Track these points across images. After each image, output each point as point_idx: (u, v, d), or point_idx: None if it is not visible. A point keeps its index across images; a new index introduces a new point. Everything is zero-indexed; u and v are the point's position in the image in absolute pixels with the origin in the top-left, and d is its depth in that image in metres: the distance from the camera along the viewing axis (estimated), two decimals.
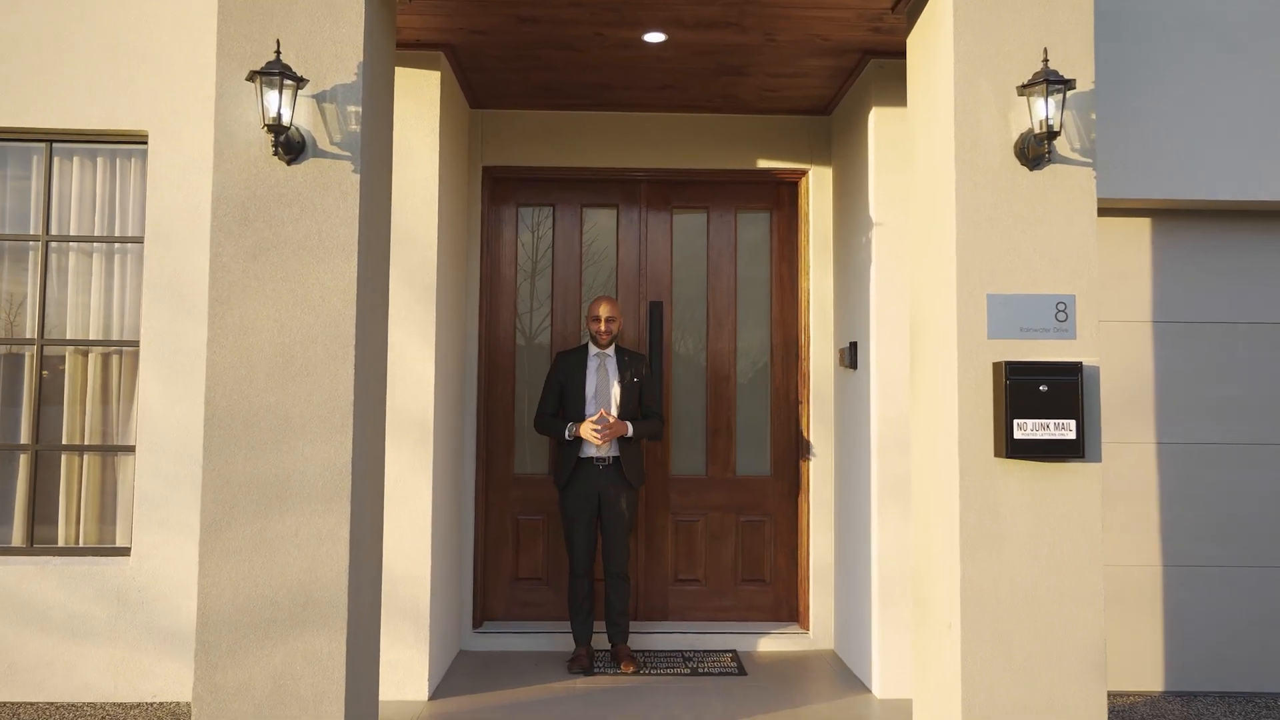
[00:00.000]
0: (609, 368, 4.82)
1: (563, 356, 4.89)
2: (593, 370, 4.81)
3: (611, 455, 4.76)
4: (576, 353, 4.88)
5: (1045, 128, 3.20)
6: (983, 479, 3.28)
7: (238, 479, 3.21)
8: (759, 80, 4.80)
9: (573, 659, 4.74)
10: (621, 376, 4.81)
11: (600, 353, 4.84)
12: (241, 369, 3.24)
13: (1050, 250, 3.34)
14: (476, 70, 4.71)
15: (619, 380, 4.80)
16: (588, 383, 4.79)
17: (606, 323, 4.79)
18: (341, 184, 3.29)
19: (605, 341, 4.80)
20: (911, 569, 3.69)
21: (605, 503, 4.78)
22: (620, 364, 4.84)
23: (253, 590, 3.20)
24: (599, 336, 4.80)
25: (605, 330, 4.79)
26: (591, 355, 4.84)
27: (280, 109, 3.14)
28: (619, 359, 4.86)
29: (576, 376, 4.82)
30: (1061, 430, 3.22)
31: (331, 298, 3.27)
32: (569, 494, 4.78)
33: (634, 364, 4.87)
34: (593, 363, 4.82)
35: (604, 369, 4.81)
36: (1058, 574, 3.26)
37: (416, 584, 4.35)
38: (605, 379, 4.80)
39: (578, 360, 4.85)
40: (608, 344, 4.82)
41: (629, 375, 4.83)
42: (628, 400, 4.81)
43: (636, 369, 4.86)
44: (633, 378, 4.84)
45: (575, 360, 4.85)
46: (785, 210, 5.47)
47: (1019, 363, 3.23)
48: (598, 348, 4.83)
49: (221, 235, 3.27)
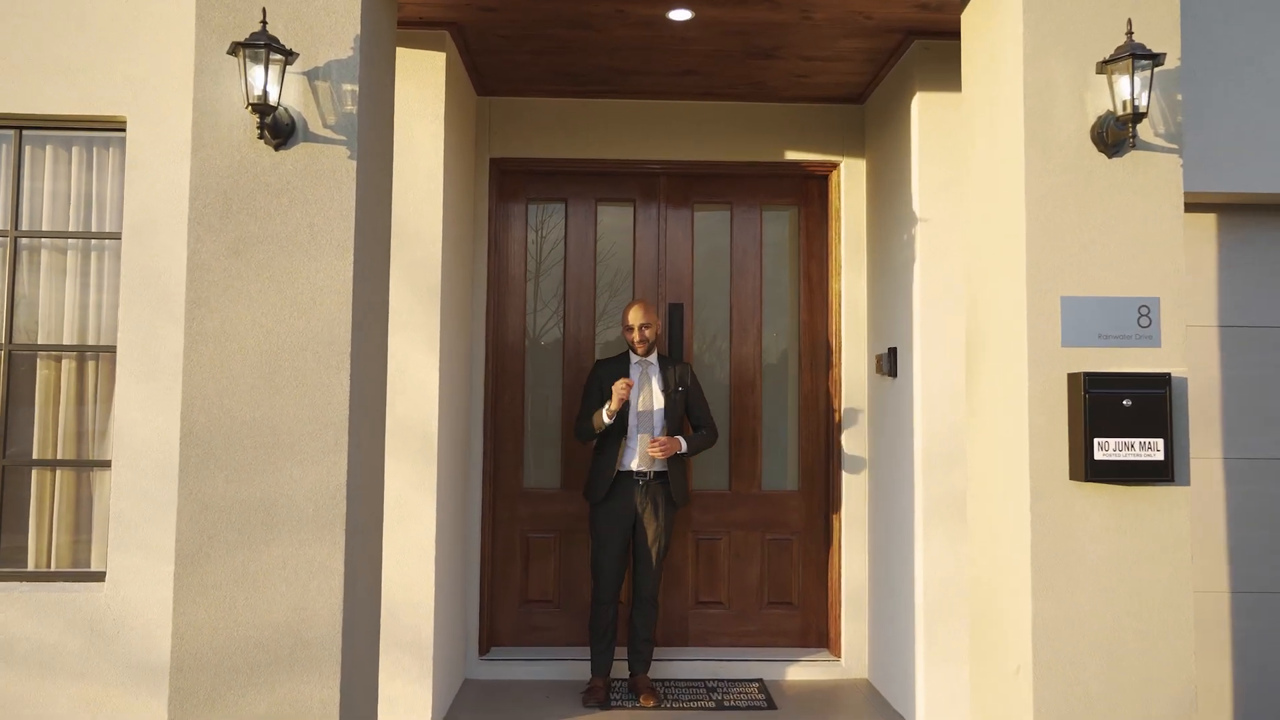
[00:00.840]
0: (652, 377, 4.44)
1: (602, 365, 4.50)
2: (635, 381, 4.43)
3: (654, 470, 4.37)
4: (617, 361, 4.49)
5: (1130, 109, 2.84)
6: (1057, 504, 2.91)
7: (217, 504, 2.85)
8: (790, 64, 4.44)
9: (588, 690, 4.37)
10: (666, 386, 4.43)
11: (641, 361, 4.45)
12: (222, 379, 2.87)
13: (1132, 247, 2.97)
14: (485, 52, 4.34)
15: (664, 390, 4.42)
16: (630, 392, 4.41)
17: (641, 330, 4.40)
18: (335, 172, 2.92)
19: (644, 350, 4.42)
20: (970, 604, 3.32)
21: (643, 522, 4.37)
22: (664, 373, 4.46)
23: (234, 630, 2.83)
24: (635, 346, 4.42)
25: (641, 339, 4.40)
26: (633, 364, 4.46)
27: (266, 86, 2.78)
28: (662, 367, 4.47)
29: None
30: (1148, 450, 2.85)
31: (324, 299, 2.90)
32: (603, 511, 4.38)
33: (679, 372, 4.49)
34: (633, 372, 4.44)
35: (646, 379, 4.42)
36: (1143, 612, 2.89)
37: (418, 612, 3.98)
38: (649, 389, 4.41)
39: (619, 370, 4.45)
40: (647, 352, 4.43)
41: (674, 386, 4.45)
42: (673, 412, 4.43)
43: (682, 378, 4.49)
44: (678, 387, 4.46)
45: (616, 370, 4.45)
46: (814, 206, 5.10)
47: (1099, 374, 2.87)
48: (638, 356, 4.45)
49: (200, 229, 2.90)
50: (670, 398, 4.41)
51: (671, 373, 4.47)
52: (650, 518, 4.37)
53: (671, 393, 4.42)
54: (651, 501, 4.37)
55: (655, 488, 4.38)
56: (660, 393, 4.41)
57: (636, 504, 4.36)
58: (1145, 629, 2.88)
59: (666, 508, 4.40)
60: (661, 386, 4.42)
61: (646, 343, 4.40)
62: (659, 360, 4.49)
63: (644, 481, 4.36)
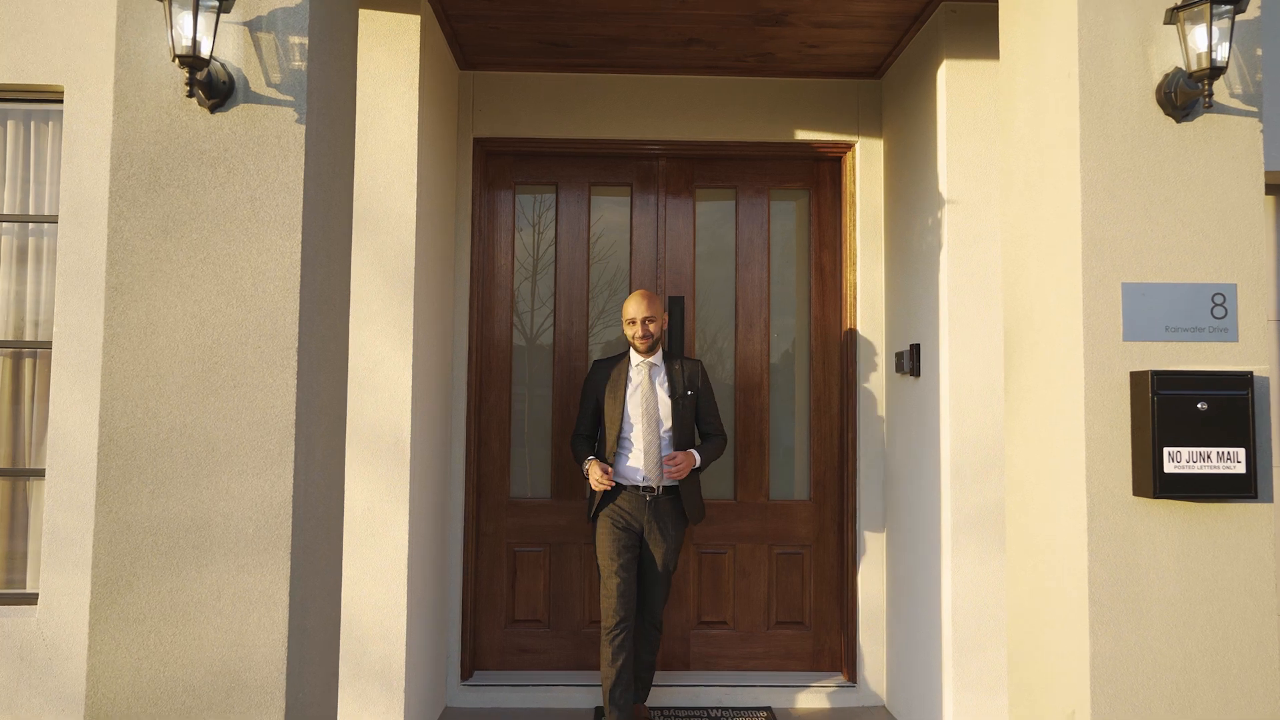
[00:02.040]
0: (656, 379, 3.91)
1: (599, 366, 4.01)
2: (636, 383, 3.90)
3: (664, 484, 3.88)
4: (616, 362, 3.98)
5: (1206, 63, 2.43)
6: (1119, 524, 2.50)
7: (141, 523, 2.44)
8: (801, 32, 4.02)
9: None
10: (673, 389, 3.90)
11: (645, 361, 3.92)
12: (148, 379, 2.46)
13: (1204, 225, 2.56)
14: (465, 18, 3.94)
15: (670, 394, 3.89)
16: (629, 399, 3.88)
17: (644, 324, 3.86)
18: (281, 137, 2.52)
19: (646, 347, 3.89)
20: (1010, 634, 2.91)
21: (650, 542, 3.88)
22: (671, 374, 3.93)
23: (160, 671, 2.42)
24: (637, 343, 3.90)
25: (644, 334, 3.87)
26: (634, 365, 3.93)
27: (196, 36, 2.38)
28: (669, 368, 3.94)
29: (617, 391, 3.91)
30: (1227, 462, 2.44)
31: (267, 285, 2.49)
32: (605, 527, 3.88)
33: (688, 373, 3.97)
34: (636, 374, 3.91)
35: (649, 381, 3.89)
36: (1220, 649, 2.48)
37: (389, 639, 3.57)
38: (651, 393, 3.87)
39: (617, 371, 3.94)
40: (650, 350, 3.91)
41: (682, 388, 3.92)
42: (682, 418, 3.90)
43: (692, 379, 3.96)
44: (687, 390, 3.92)
45: (614, 371, 3.95)
46: (827, 190, 4.69)
47: (1170, 373, 2.46)
48: (640, 355, 3.93)
49: (123, 204, 2.49)
50: (679, 402, 3.90)
51: (679, 373, 3.95)
52: (658, 537, 3.88)
53: (681, 396, 3.91)
54: (660, 519, 3.88)
55: (664, 503, 3.89)
56: (667, 397, 3.89)
57: (644, 521, 3.87)
58: (1223, 668, 2.48)
59: (677, 525, 3.93)
60: (668, 390, 3.90)
61: (650, 339, 3.88)
62: (664, 359, 3.97)
63: (650, 497, 3.87)
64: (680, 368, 3.96)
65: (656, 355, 3.95)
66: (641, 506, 3.87)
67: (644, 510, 3.87)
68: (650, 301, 3.90)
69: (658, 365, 3.94)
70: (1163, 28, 2.56)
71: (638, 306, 3.89)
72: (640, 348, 3.90)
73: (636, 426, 3.86)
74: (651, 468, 3.84)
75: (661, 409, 3.88)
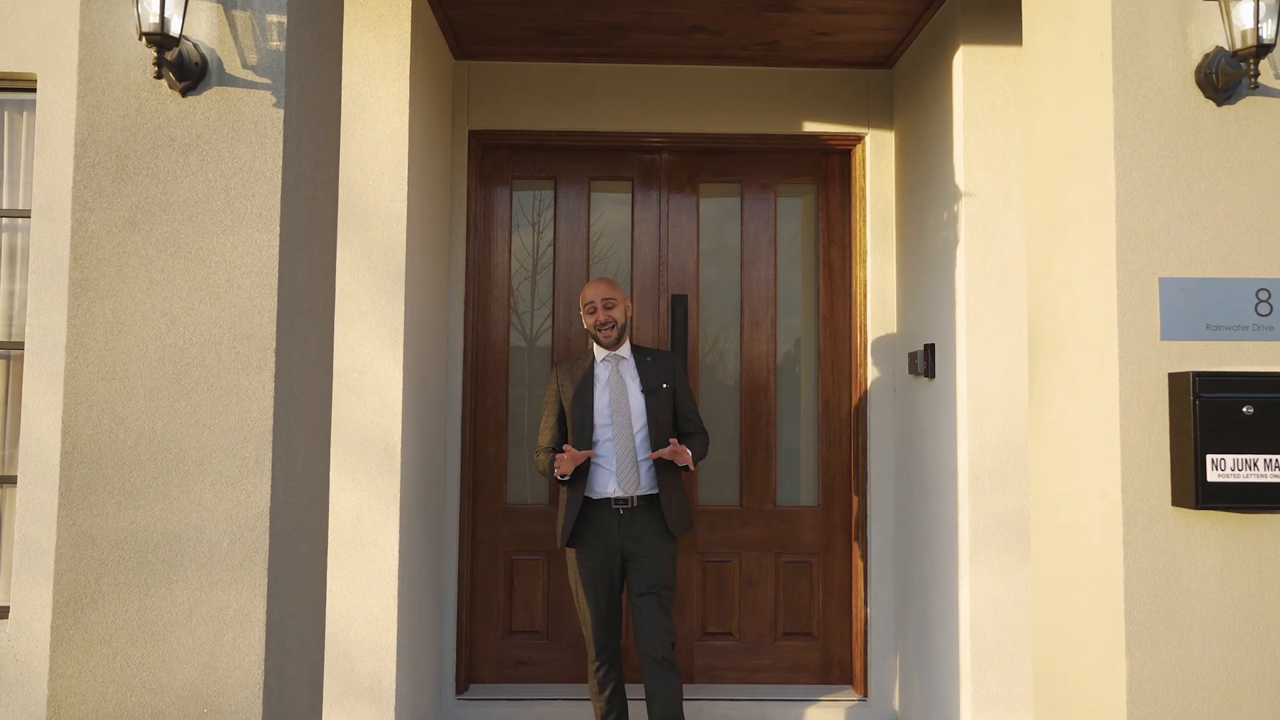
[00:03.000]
0: (625, 374, 3.53)
1: (561, 368, 3.62)
2: (604, 380, 3.52)
3: (638, 495, 3.46)
4: (579, 361, 3.61)
5: (1251, 40, 2.26)
6: (1158, 536, 2.33)
7: (107, 537, 2.27)
8: (811, 19, 3.85)
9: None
10: (645, 383, 3.51)
11: (612, 355, 3.55)
12: (115, 381, 2.29)
13: (1248, 215, 2.39)
14: (460, 4, 3.76)
15: (642, 389, 3.51)
16: (597, 398, 3.50)
17: (605, 309, 3.48)
18: (258, 123, 2.35)
19: (611, 339, 3.50)
20: (1035, 652, 2.73)
21: (632, 563, 3.47)
22: (642, 367, 3.54)
23: (127, 695, 2.25)
24: (600, 333, 3.51)
25: (605, 321, 3.48)
26: (600, 360, 3.56)
27: (165, 13, 2.21)
28: (639, 361, 3.56)
29: (584, 392, 3.52)
30: (1276, 470, 2.26)
31: (243, 281, 2.33)
32: (576, 553, 3.51)
33: (661, 366, 3.57)
34: (603, 370, 3.54)
35: (618, 376, 3.52)
36: (1268, 670, 2.30)
37: (379, 654, 3.40)
38: (621, 389, 3.49)
39: (581, 370, 3.56)
40: (616, 341, 3.52)
41: (656, 381, 3.53)
42: (658, 414, 3.50)
43: (666, 372, 3.56)
44: (661, 383, 3.54)
45: (578, 370, 3.57)
46: (835, 184, 4.51)
47: (1212, 374, 2.28)
48: (605, 349, 3.56)
49: (88, 194, 2.33)
50: (653, 398, 3.50)
51: (651, 365, 3.55)
52: (640, 556, 3.44)
53: (655, 391, 3.50)
54: (639, 535, 3.45)
55: (643, 517, 3.46)
56: (640, 393, 3.50)
57: (619, 540, 3.46)
58: (1270, 689, 2.30)
59: (661, 540, 3.47)
60: (640, 385, 3.50)
61: (614, 327, 3.48)
62: (634, 351, 3.59)
63: (626, 510, 3.44)
64: (652, 360, 3.58)
65: (624, 348, 3.58)
66: (615, 523, 3.46)
67: (619, 527, 3.46)
68: (609, 286, 3.54)
69: (626, 359, 3.56)
70: (1203, 4, 2.39)
71: (595, 289, 3.52)
72: (604, 340, 3.51)
73: (607, 429, 3.47)
74: (626, 476, 3.45)
75: (634, 406, 3.49)
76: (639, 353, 3.61)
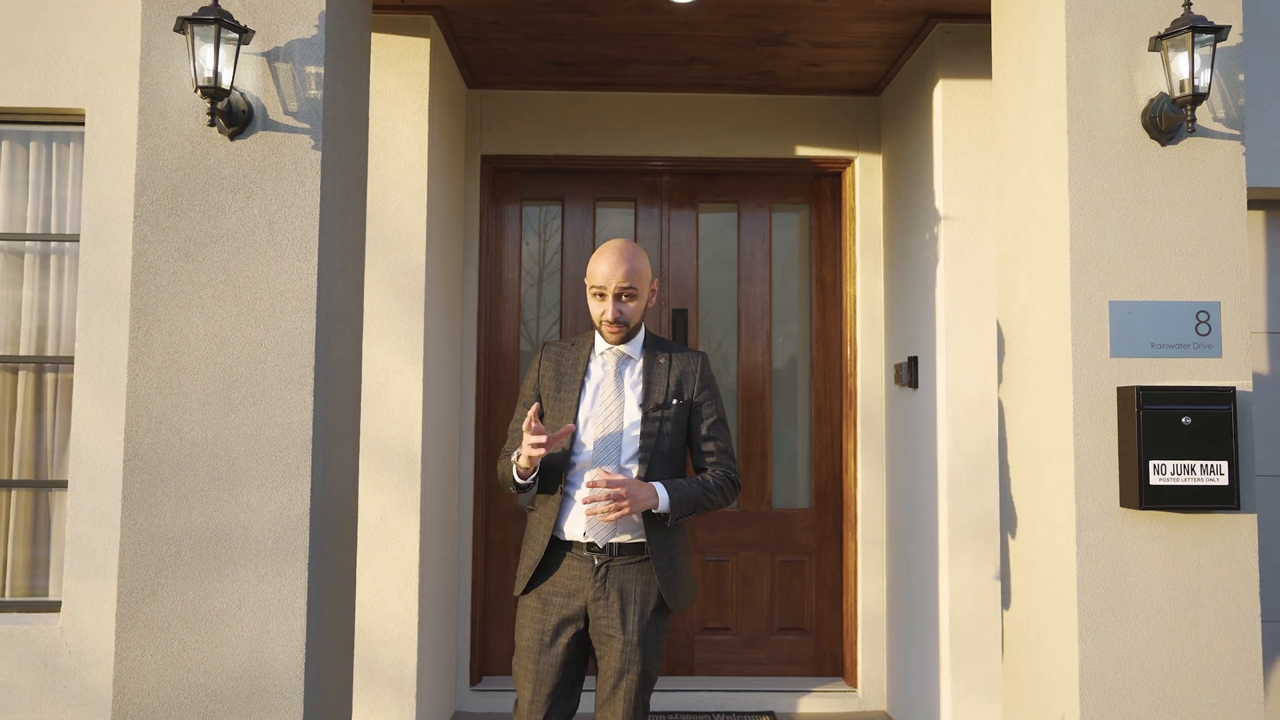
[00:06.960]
0: (624, 379, 2.58)
1: (549, 351, 2.68)
2: (595, 379, 2.59)
3: (622, 541, 2.50)
4: (571, 347, 2.66)
5: (1188, 89, 2.52)
6: (1107, 535, 2.59)
7: (165, 535, 2.54)
8: (802, 51, 4.12)
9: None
10: (649, 396, 2.55)
11: (614, 350, 2.60)
12: (171, 395, 2.57)
13: (1189, 245, 2.65)
14: (473, 39, 4.04)
15: (642, 403, 2.54)
16: (583, 400, 2.56)
17: (617, 300, 2.52)
18: (298, 163, 2.62)
19: (618, 336, 2.56)
20: (1005, 642, 2.99)
21: (599, 630, 2.49)
22: (652, 371, 2.58)
23: (183, 676, 2.52)
24: (603, 326, 2.56)
25: (615, 316, 2.52)
26: (597, 354, 2.62)
27: (218, 67, 2.48)
28: (650, 362, 2.60)
29: (567, 390, 2.59)
30: (1210, 475, 2.52)
31: (285, 305, 2.60)
32: (529, 603, 2.55)
33: (679, 371, 2.60)
34: (597, 366, 2.60)
35: (613, 379, 2.57)
36: (1205, 655, 2.56)
37: (400, 645, 3.67)
38: (613, 399, 2.54)
39: (572, 360, 2.63)
40: (625, 338, 2.58)
41: (666, 395, 2.56)
42: (659, 441, 2.53)
43: (684, 380, 2.59)
44: (673, 399, 2.57)
45: (568, 359, 2.63)
46: (827, 205, 4.78)
47: (1155, 388, 2.54)
48: (608, 342, 2.60)
49: (147, 228, 2.60)
50: (654, 420, 2.53)
51: (664, 370, 2.59)
52: (612, 623, 2.47)
53: (661, 408, 2.55)
54: (617, 595, 2.48)
55: (624, 573, 2.49)
56: (636, 408, 2.55)
57: (587, 597, 2.49)
58: (1208, 673, 2.56)
59: (646, 606, 2.49)
60: (640, 395, 2.55)
61: (623, 325, 2.54)
62: (646, 348, 2.62)
63: (601, 561, 2.50)
64: (668, 363, 2.60)
65: (634, 342, 2.62)
66: (586, 574, 2.50)
67: (589, 580, 2.49)
68: (630, 257, 2.53)
69: (632, 357, 2.61)
70: (1147, 54, 2.66)
71: (608, 264, 2.53)
72: (610, 336, 2.57)
73: (585, 451, 2.52)
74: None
75: (625, 425, 2.53)
76: (653, 349, 2.63)
